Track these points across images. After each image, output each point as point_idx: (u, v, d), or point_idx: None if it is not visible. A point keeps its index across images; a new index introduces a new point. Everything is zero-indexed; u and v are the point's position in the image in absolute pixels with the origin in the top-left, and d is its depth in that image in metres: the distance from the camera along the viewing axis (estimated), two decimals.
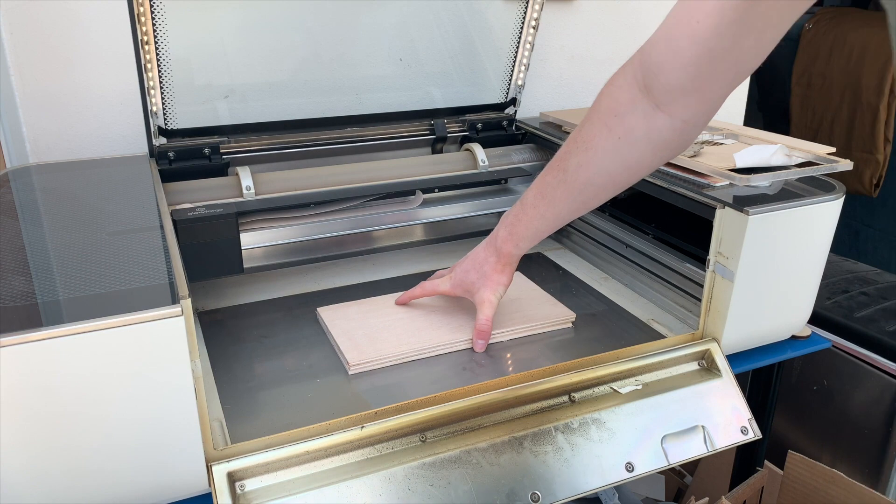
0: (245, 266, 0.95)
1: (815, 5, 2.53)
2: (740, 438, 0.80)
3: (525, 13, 1.12)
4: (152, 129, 0.96)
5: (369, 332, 0.86)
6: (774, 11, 0.54)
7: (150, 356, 0.58)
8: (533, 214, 0.78)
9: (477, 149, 1.13)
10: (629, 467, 0.74)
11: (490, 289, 0.85)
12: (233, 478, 0.63)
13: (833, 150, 0.94)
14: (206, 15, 0.93)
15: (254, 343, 0.87)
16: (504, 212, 1.20)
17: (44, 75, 1.04)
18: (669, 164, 0.94)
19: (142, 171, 0.94)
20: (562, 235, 1.20)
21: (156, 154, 0.98)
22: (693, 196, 0.86)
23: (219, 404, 0.74)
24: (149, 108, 0.95)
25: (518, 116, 1.23)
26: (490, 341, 0.87)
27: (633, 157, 0.67)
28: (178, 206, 0.92)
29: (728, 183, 0.87)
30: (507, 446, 0.71)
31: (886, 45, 2.12)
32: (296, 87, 1.05)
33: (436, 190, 1.09)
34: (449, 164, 1.13)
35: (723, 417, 0.80)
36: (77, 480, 0.59)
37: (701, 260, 0.87)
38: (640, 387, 0.80)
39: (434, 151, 1.20)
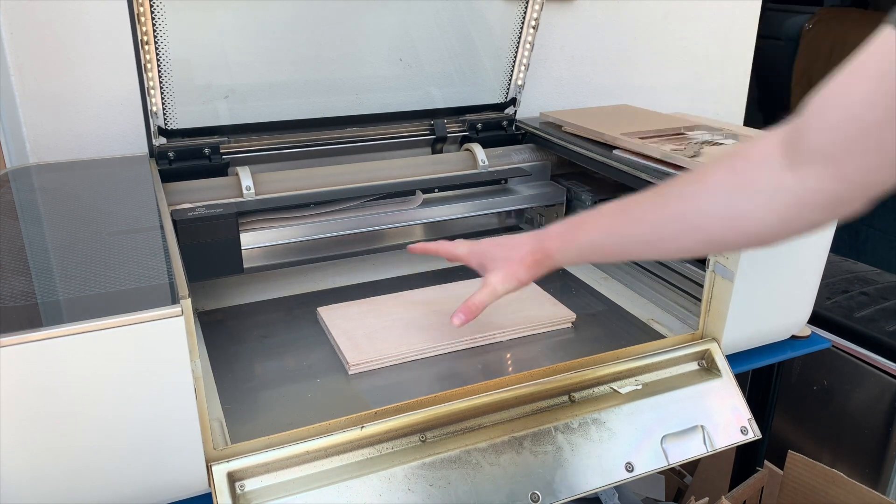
0: (245, 266, 0.95)
1: (815, 5, 2.53)
2: (740, 438, 0.80)
3: (525, 13, 1.12)
4: (152, 129, 0.96)
5: (369, 332, 0.86)
6: None
7: (150, 356, 0.58)
8: (602, 224, 0.69)
9: (477, 149, 1.13)
10: (629, 467, 0.74)
11: (503, 276, 0.77)
12: (233, 478, 0.63)
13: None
14: (206, 15, 0.93)
15: (254, 343, 0.87)
16: (504, 212, 1.21)
17: (44, 75, 1.04)
18: (669, 165, 0.94)
19: (142, 171, 0.94)
20: None
21: (156, 154, 0.98)
22: None
23: (219, 404, 0.74)
24: (149, 108, 0.95)
25: (518, 116, 1.23)
26: (490, 341, 0.87)
27: (738, 209, 0.58)
28: (178, 206, 0.92)
29: None
30: (507, 446, 0.71)
31: None
32: (296, 87, 1.05)
33: (436, 190, 1.09)
34: (449, 164, 1.13)
35: (723, 417, 0.80)
36: (77, 480, 0.59)
37: (701, 260, 0.87)
38: (639, 387, 0.80)
39: (434, 151, 1.20)
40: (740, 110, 1.65)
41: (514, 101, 1.22)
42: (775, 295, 0.86)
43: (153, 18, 0.88)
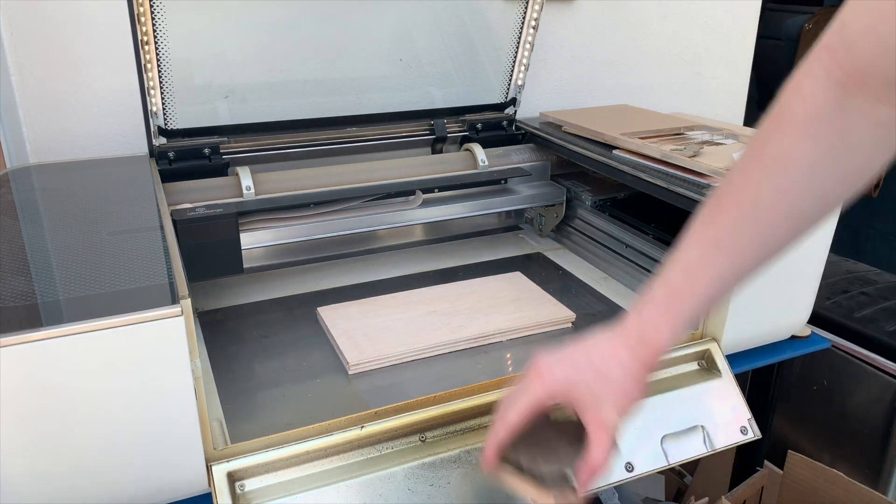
0: (245, 266, 0.95)
1: (815, 5, 2.53)
2: (740, 438, 0.80)
3: (525, 13, 1.12)
4: (152, 129, 0.96)
5: (369, 332, 0.86)
6: None
7: (150, 356, 0.58)
8: (704, 276, 0.55)
9: (477, 149, 1.13)
10: (629, 467, 0.74)
11: (615, 403, 0.57)
12: (233, 478, 0.63)
13: None
14: (206, 15, 0.93)
15: (254, 343, 0.87)
16: (504, 212, 1.21)
17: (44, 75, 1.04)
18: (669, 165, 0.94)
19: (142, 171, 0.94)
20: (562, 235, 1.20)
21: (156, 154, 0.98)
22: (693, 196, 0.86)
23: (219, 404, 0.74)
24: (149, 108, 0.95)
25: (518, 116, 1.23)
26: (490, 341, 0.87)
27: (854, 165, 0.52)
28: (178, 206, 0.92)
29: None
30: None
31: None
32: (296, 87, 1.05)
33: (436, 190, 1.09)
34: (449, 164, 1.13)
35: (722, 417, 0.80)
36: (77, 480, 0.59)
37: None
38: None
39: (434, 151, 1.20)
40: (740, 110, 1.65)
41: (514, 102, 1.22)
42: (775, 295, 0.86)
43: (153, 18, 0.88)
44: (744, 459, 1.15)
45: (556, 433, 0.60)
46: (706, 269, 0.56)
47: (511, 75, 1.19)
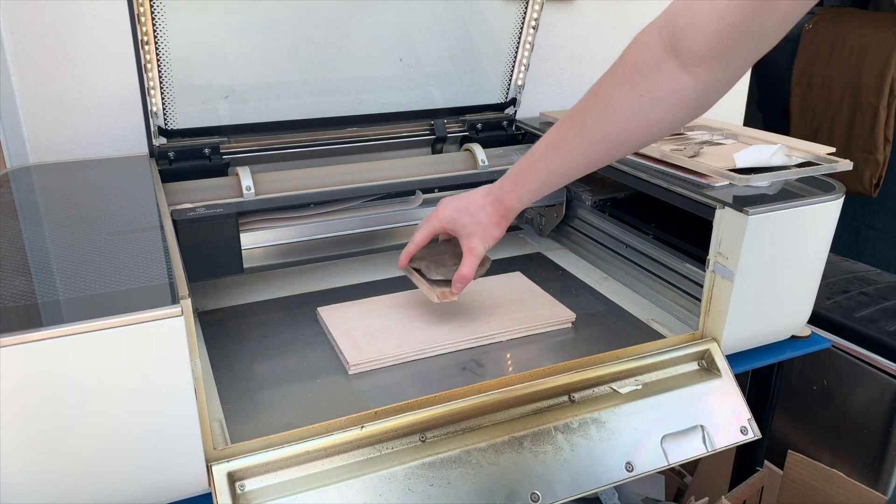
0: (245, 266, 0.95)
1: (815, 5, 2.53)
2: (740, 438, 0.80)
3: (525, 13, 1.12)
4: (152, 129, 0.96)
5: (369, 332, 0.86)
6: None
7: (150, 356, 0.58)
8: (542, 167, 0.77)
9: (477, 149, 1.13)
10: (629, 467, 0.74)
11: (480, 238, 0.83)
12: (233, 478, 0.63)
13: (833, 150, 0.93)
14: (206, 15, 0.93)
15: (254, 343, 0.87)
16: None
17: (44, 75, 1.04)
18: (669, 165, 0.94)
19: (142, 171, 0.94)
20: (561, 235, 1.20)
21: (156, 154, 0.98)
22: (693, 196, 0.86)
23: (219, 404, 0.74)
24: (149, 108, 0.95)
25: (518, 116, 1.23)
26: (490, 341, 0.87)
27: (654, 116, 0.67)
28: (178, 206, 0.92)
29: (728, 183, 0.87)
30: (507, 446, 0.71)
31: (886, 45, 2.11)
32: (296, 87, 1.05)
33: (436, 190, 1.09)
34: (449, 164, 1.13)
35: (722, 417, 0.80)
36: (77, 480, 0.59)
37: (701, 260, 0.87)
38: (639, 387, 0.80)
39: (434, 151, 1.20)
40: (740, 110, 1.65)
41: (514, 102, 1.22)
42: (775, 295, 0.86)
43: (153, 18, 0.88)
44: (744, 459, 1.15)
45: (450, 253, 0.89)
46: (544, 161, 0.77)
47: (511, 75, 1.19)
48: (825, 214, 0.85)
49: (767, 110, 2.61)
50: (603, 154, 0.73)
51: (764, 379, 1.02)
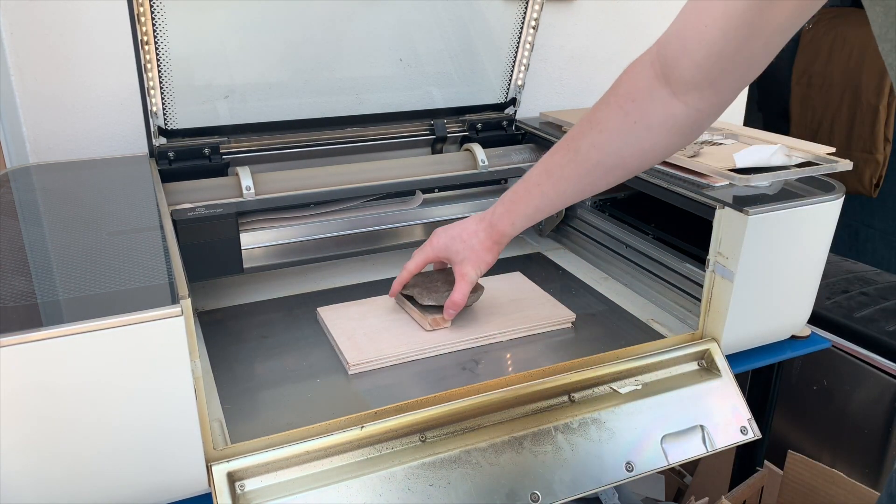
0: (245, 266, 0.95)
1: None
2: (740, 438, 0.80)
3: (525, 13, 1.12)
4: (152, 129, 0.96)
5: (369, 332, 0.86)
6: (782, 15, 0.55)
7: (150, 356, 0.58)
8: (535, 192, 0.77)
9: (477, 149, 1.13)
10: (629, 467, 0.74)
11: (473, 264, 0.84)
12: (233, 478, 0.63)
13: (833, 150, 0.94)
14: (206, 15, 0.93)
15: (254, 343, 0.87)
16: None
17: (44, 75, 1.04)
18: (669, 165, 0.94)
19: (142, 171, 0.94)
20: (561, 235, 1.20)
21: (156, 154, 0.98)
22: (693, 196, 0.86)
23: (219, 404, 0.74)
24: (149, 108, 0.95)
25: (518, 116, 1.23)
26: (490, 341, 0.87)
27: (647, 142, 0.68)
28: (178, 206, 0.92)
29: (728, 183, 0.87)
30: (507, 446, 0.71)
31: None
32: (296, 87, 1.05)
33: (436, 190, 1.09)
34: (449, 164, 1.13)
35: (722, 417, 0.80)
36: (76, 480, 0.59)
37: (701, 260, 0.87)
38: (639, 387, 0.80)
39: (434, 151, 1.20)
40: (740, 110, 1.65)
41: (513, 102, 1.22)
42: (775, 295, 0.86)
43: (153, 18, 0.88)
44: (744, 459, 1.15)
45: (443, 280, 0.91)
46: (538, 187, 0.77)
47: (511, 75, 1.19)
48: (825, 214, 0.85)
49: (767, 110, 2.61)
50: (597, 180, 0.74)
51: (764, 379, 1.02)
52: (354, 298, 0.95)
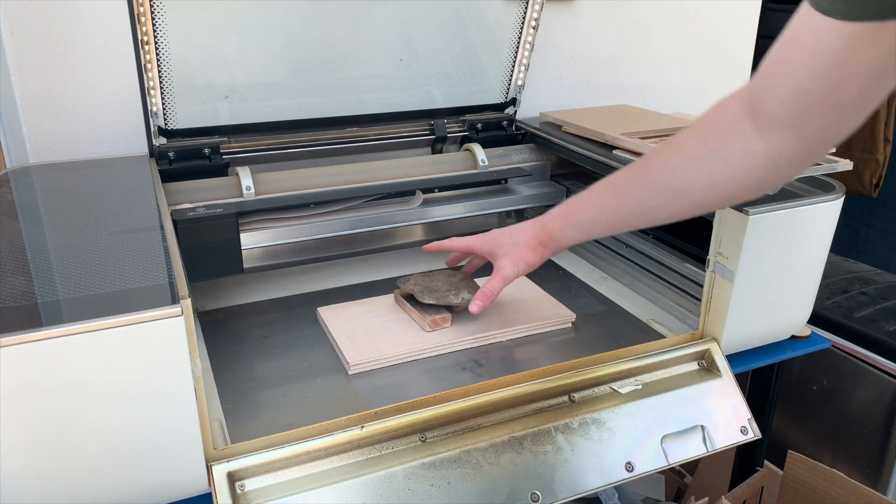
0: (245, 266, 0.95)
1: None
2: (740, 438, 0.80)
3: (525, 13, 1.12)
4: (152, 129, 0.96)
5: (369, 332, 0.86)
6: (877, 58, 0.50)
7: (150, 356, 0.58)
8: (595, 202, 0.75)
9: (477, 149, 1.13)
10: (629, 467, 0.74)
11: (512, 260, 0.82)
12: (233, 478, 0.63)
13: (832, 150, 0.93)
14: (206, 15, 0.93)
15: (254, 343, 0.87)
16: (504, 212, 1.21)
17: (44, 75, 1.04)
18: None
19: (142, 171, 0.94)
20: None
21: (156, 154, 0.98)
22: None
23: (219, 404, 0.74)
24: (149, 108, 0.95)
25: (518, 116, 1.23)
26: (490, 341, 0.87)
27: (719, 175, 0.64)
28: (178, 206, 0.92)
29: None
30: (507, 446, 0.71)
31: None
32: (296, 87, 1.05)
33: (436, 190, 1.09)
34: (449, 164, 1.13)
35: (722, 417, 0.80)
36: (76, 480, 0.59)
37: (701, 260, 0.87)
38: (639, 387, 0.80)
39: (434, 151, 1.20)
40: None
41: (514, 102, 1.22)
42: (775, 295, 0.86)
43: (153, 18, 0.88)
44: (744, 459, 1.15)
45: (444, 280, 0.91)
46: (600, 198, 0.74)
47: (511, 75, 1.19)
48: (825, 214, 0.85)
49: None
50: (661, 205, 0.69)
51: (764, 379, 1.02)
52: (354, 298, 0.95)
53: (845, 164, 0.90)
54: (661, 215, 0.71)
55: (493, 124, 1.21)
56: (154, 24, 0.88)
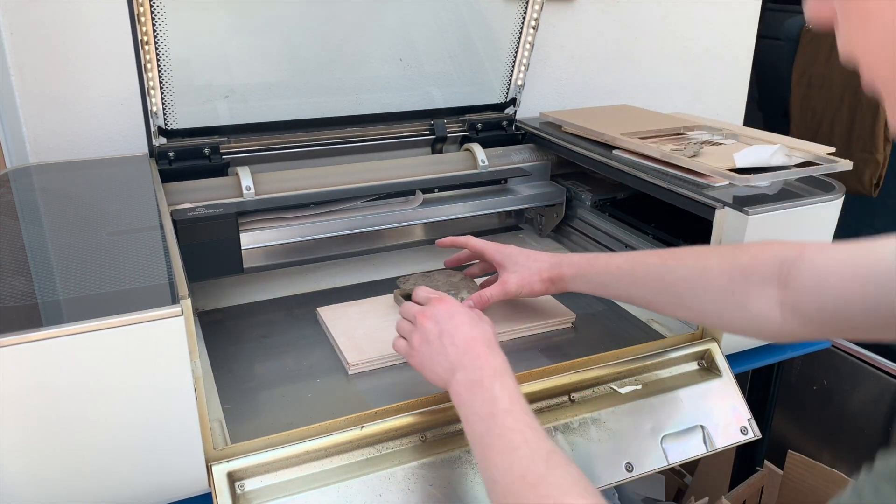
0: (245, 266, 0.95)
1: None
2: (740, 438, 0.80)
3: (525, 13, 1.12)
4: (152, 129, 0.96)
5: (369, 332, 0.86)
6: None
7: (150, 356, 0.58)
8: (613, 273, 0.77)
9: (477, 149, 1.13)
10: (629, 467, 0.74)
11: (520, 280, 0.83)
12: (233, 478, 0.63)
13: (833, 150, 0.94)
14: (206, 15, 0.93)
15: (254, 343, 0.87)
16: (504, 212, 1.21)
17: (44, 75, 1.04)
18: (669, 165, 0.94)
19: (142, 171, 0.94)
20: (561, 235, 1.20)
21: (156, 154, 0.98)
22: (693, 196, 0.86)
23: (219, 404, 0.74)
24: (149, 108, 0.95)
25: (518, 116, 1.23)
26: None
27: (730, 315, 0.68)
28: (178, 206, 0.92)
29: (728, 183, 0.87)
30: None
31: None
32: (296, 87, 1.05)
33: (436, 190, 1.09)
34: (449, 164, 1.13)
35: (722, 417, 0.80)
36: (77, 480, 0.59)
37: None
38: (639, 387, 0.80)
39: (434, 151, 1.20)
40: (740, 110, 1.65)
41: (514, 102, 1.22)
42: None
43: (153, 18, 0.88)
44: (744, 459, 1.15)
45: (444, 280, 0.91)
46: (616, 271, 0.77)
47: (511, 75, 1.19)
48: (825, 214, 0.85)
49: (767, 110, 2.61)
50: (668, 304, 0.74)
51: (764, 379, 1.02)
52: (354, 298, 0.95)
53: (845, 164, 0.90)
54: (664, 311, 0.76)
55: (493, 124, 1.21)
56: (154, 24, 0.88)
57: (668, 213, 0.97)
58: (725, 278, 0.67)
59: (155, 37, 0.89)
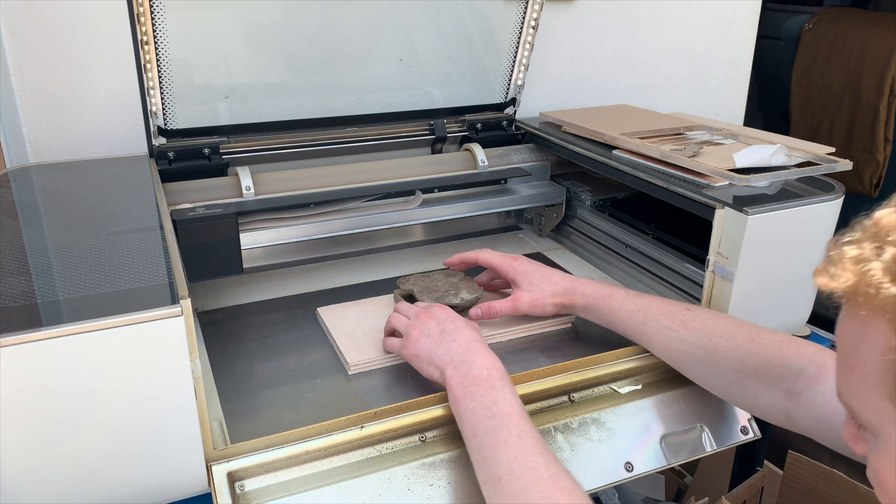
0: (245, 266, 0.95)
1: (815, 5, 2.53)
2: (740, 438, 0.80)
3: (525, 13, 1.12)
4: (152, 129, 0.96)
5: (369, 332, 0.86)
6: None
7: (149, 356, 0.58)
8: (623, 316, 0.78)
9: (476, 149, 1.13)
10: (629, 467, 0.74)
11: (533, 300, 0.84)
12: (233, 478, 0.63)
13: (832, 150, 0.93)
14: (206, 15, 0.93)
15: (254, 343, 0.87)
16: (504, 212, 1.21)
17: (44, 75, 1.04)
18: (669, 165, 0.94)
19: (142, 171, 0.94)
20: (561, 235, 1.20)
21: (156, 154, 0.98)
22: (693, 196, 0.86)
23: (219, 404, 0.74)
24: (149, 108, 0.95)
25: (518, 116, 1.23)
26: (490, 341, 0.87)
27: (734, 398, 0.73)
28: (178, 206, 0.92)
29: (728, 183, 0.87)
30: None
31: (886, 45, 2.11)
32: (296, 87, 1.05)
33: (436, 190, 1.09)
34: (449, 164, 1.13)
35: (723, 417, 0.80)
36: (76, 480, 0.59)
37: (700, 260, 0.87)
38: (639, 387, 0.80)
39: (434, 151, 1.20)
40: (740, 110, 1.65)
41: (513, 101, 1.22)
42: (775, 295, 0.86)
43: (153, 18, 0.88)
44: (744, 459, 1.15)
45: (444, 281, 0.91)
46: (627, 317, 0.78)
47: (511, 75, 1.19)
48: (825, 214, 0.85)
49: (767, 110, 2.61)
50: (670, 360, 0.77)
51: None
52: (354, 298, 0.95)
53: (845, 164, 0.90)
54: (664, 359, 0.78)
55: (493, 124, 1.21)
56: (154, 25, 0.88)
57: (667, 213, 0.97)
58: (736, 373, 0.69)
59: (155, 37, 0.89)
